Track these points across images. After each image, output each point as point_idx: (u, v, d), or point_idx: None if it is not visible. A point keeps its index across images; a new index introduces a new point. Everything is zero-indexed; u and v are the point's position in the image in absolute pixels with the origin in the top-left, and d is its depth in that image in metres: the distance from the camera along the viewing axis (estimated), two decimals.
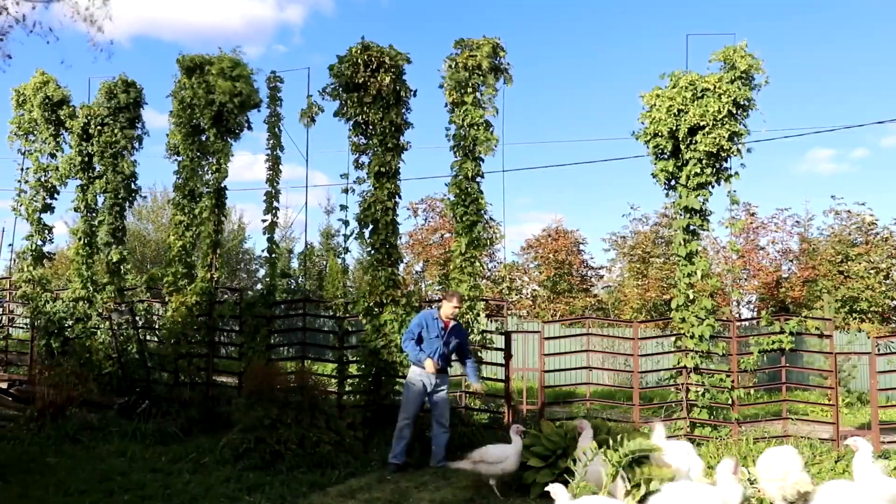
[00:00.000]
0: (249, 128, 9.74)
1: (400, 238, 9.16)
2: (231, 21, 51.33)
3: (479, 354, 9.30)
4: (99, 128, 10.49)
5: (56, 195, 11.18)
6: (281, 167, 9.55)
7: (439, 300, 8.28)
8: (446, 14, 56.01)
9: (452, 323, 7.42)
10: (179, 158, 9.71)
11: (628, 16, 51.01)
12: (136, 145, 10.79)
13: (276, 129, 9.54)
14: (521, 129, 48.84)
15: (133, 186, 10.81)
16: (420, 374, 7.27)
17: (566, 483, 5.75)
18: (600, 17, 52.20)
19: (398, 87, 8.62)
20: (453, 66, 8.63)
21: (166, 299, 9.63)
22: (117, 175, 10.49)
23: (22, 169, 11.23)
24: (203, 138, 9.67)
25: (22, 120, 11.22)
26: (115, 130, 10.43)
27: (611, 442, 5.11)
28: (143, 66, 51.24)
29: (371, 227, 8.73)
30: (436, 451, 7.32)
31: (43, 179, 11.04)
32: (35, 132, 11.17)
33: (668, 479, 4.98)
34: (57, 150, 11.01)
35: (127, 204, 10.81)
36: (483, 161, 8.71)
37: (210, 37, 51.54)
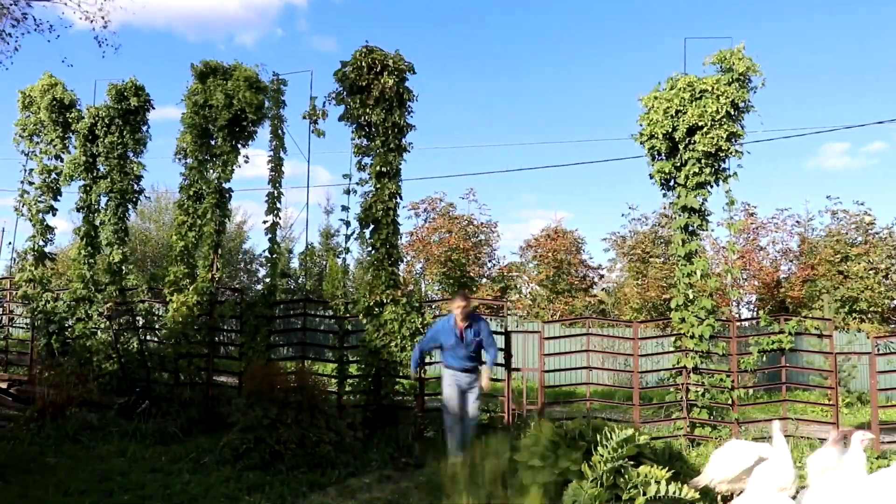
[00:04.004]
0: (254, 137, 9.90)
1: (400, 238, 9.18)
2: (229, 5, 51.15)
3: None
4: (105, 129, 10.51)
5: (59, 196, 11.20)
6: (283, 169, 9.61)
7: (440, 300, 8.34)
8: (448, 9, 56.06)
9: (467, 324, 7.24)
10: (187, 161, 9.75)
11: (630, 18, 51.05)
12: (143, 148, 10.84)
13: (280, 131, 9.57)
14: (524, 129, 48.92)
15: (137, 188, 10.86)
16: (450, 376, 7.31)
17: (566, 483, 5.76)
18: (601, 20, 52.25)
19: (401, 90, 8.71)
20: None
21: (167, 299, 9.63)
22: (125, 177, 10.54)
23: (25, 170, 11.25)
24: (212, 142, 9.73)
25: (28, 122, 11.23)
26: (125, 132, 10.50)
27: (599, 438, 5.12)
28: (135, 55, 51.21)
29: (372, 226, 8.76)
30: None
31: (48, 181, 11.06)
32: (40, 134, 11.18)
33: (665, 479, 4.97)
34: (63, 152, 11.05)
35: (131, 205, 10.83)
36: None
37: (207, 23, 51.40)
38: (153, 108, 10.87)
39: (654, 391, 12.25)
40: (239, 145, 9.74)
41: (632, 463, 5.29)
